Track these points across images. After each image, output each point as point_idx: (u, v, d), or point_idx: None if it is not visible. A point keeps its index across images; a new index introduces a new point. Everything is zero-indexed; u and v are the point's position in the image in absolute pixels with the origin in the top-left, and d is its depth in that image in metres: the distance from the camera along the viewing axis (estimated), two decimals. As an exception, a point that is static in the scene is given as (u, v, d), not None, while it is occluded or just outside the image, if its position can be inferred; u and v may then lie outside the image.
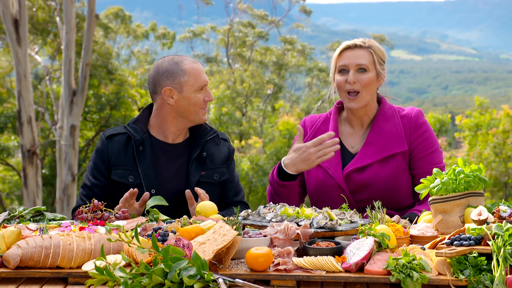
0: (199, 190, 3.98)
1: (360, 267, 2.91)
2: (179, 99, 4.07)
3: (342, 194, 4.14)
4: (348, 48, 4.16)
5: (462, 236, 2.93)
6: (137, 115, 4.28)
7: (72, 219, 3.89)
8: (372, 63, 4.13)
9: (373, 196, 4.04)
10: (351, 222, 3.42)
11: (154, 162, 4.13)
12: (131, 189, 3.82)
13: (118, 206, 3.81)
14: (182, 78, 4.05)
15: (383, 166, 4.13)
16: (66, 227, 3.42)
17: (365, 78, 4.11)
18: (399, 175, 4.14)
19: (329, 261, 2.90)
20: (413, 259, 2.84)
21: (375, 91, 4.22)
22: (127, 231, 3.29)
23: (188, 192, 3.98)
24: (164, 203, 3.81)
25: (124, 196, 3.81)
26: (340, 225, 3.33)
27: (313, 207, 3.61)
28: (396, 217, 3.80)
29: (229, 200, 4.29)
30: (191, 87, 4.06)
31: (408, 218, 3.82)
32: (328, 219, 3.29)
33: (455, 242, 2.91)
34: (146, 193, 3.87)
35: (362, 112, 4.24)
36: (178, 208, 4.07)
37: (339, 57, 4.17)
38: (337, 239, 3.20)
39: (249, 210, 3.56)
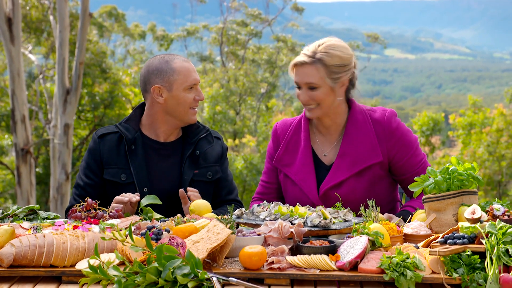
0: (190, 191, 3.97)
1: (354, 266, 2.92)
2: (168, 98, 4.07)
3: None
4: (296, 65, 4.01)
5: (455, 234, 2.94)
6: (130, 114, 4.28)
7: (66, 218, 3.89)
8: (321, 79, 3.94)
9: (352, 209, 3.88)
10: (345, 220, 3.42)
11: (146, 160, 4.13)
12: (134, 197, 3.83)
13: (112, 205, 3.81)
14: (171, 77, 4.05)
15: (359, 179, 4.03)
16: (60, 225, 3.42)
17: (316, 95, 3.96)
18: (376, 184, 4.06)
19: (323, 260, 2.90)
20: (407, 258, 2.84)
21: (334, 101, 4.03)
22: (121, 230, 3.29)
23: (181, 191, 3.97)
24: (158, 202, 3.81)
25: (122, 199, 3.80)
26: (334, 223, 3.33)
27: (307, 205, 3.61)
28: (386, 215, 3.80)
29: (222, 198, 4.28)
30: (180, 85, 4.05)
31: (401, 217, 3.82)
32: (322, 218, 3.29)
33: (448, 241, 2.91)
34: (137, 194, 3.87)
35: (327, 121, 4.11)
36: (171, 206, 4.07)
37: (293, 73, 4.04)
38: (331, 238, 3.20)
39: (243, 209, 3.56)
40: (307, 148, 4.13)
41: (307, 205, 3.61)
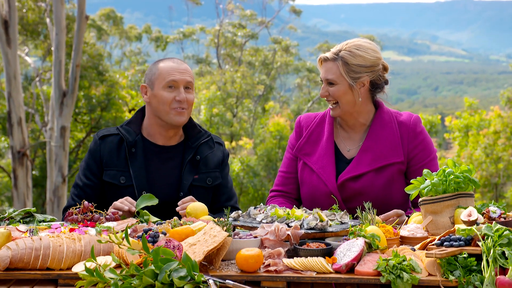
0: (184, 202, 3.95)
1: (350, 268, 2.92)
2: (151, 96, 4.12)
3: (334, 200, 4.12)
4: (320, 61, 4.17)
5: (452, 237, 2.94)
6: (131, 117, 4.30)
7: (63, 218, 3.89)
8: (339, 76, 4.07)
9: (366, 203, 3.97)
10: (342, 223, 3.42)
11: (146, 164, 4.13)
12: (133, 207, 3.84)
13: (110, 210, 3.81)
14: (154, 76, 4.11)
15: (378, 175, 4.10)
16: (56, 228, 3.41)
17: (334, 91, 4.08)
18: (393, 183, 4.12)
19: (319, 262, 2.90)
20: (403, 260, 2.84)
21: (354, 100, 4.12)
22: (117, 233, 3.29)
23: (178, 209, 3.94)
24: (154, 201, 3.80)
25: (122, 207, 3.80)
26: (330, 226, 3.33)
27: (304, 208, 3.61)
28: (394, 211, 3.80)
29: (221, 204, 4.27)
30: (160, 83, 4.08)
31: (398, 219, 3.82)
32: (318, 220, 3.29)
33: (445, 243, 2.92)
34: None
35: (350, 119, 4.21)
36: (169, 210, 4.06)
37: (320, 69, 4.18)
38: (328, 240, 3.20)
39: (240, 211, 3.56)
40: (329, 140, 4.22)
41: (304, 208, 3.61)
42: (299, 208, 3.63)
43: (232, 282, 2.76)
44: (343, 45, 4.13)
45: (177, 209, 3.91)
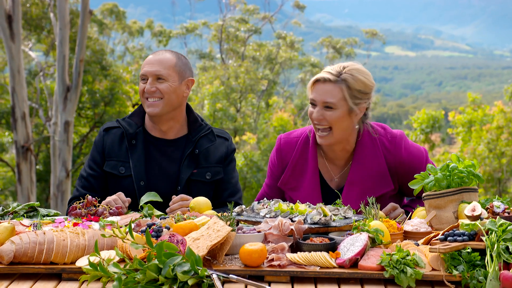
0: (176, 202, 3.95)
1: (354, 263, 2.92)
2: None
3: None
4: (318, 81, 3.90)
5: (456, 231, 2.94)
6: (135, 109, 4.37)
7: (67, 211, 3.91)
8: (341, 100, 3.83)
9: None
10: (345, 218, 3.42)
11: (145, 155, 4.18)
12: (126, 198, 3.88)
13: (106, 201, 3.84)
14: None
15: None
16: (60, 223, 3.42)
17: (331, 116, 3.85)
18: (386, 203, 3.93)
19: (323, 257, 2.90)
20: (407, 255, 2.84)
21: (351, 127, 3.95)
22: (121, 227, 3.29)
23: (170, 209, 3.95)
24: (158, 199, 3.81)
25: (112, 204, 3.82)
26: (334, 221, 3.33)
27: (307, 203, 3.61)
28: (390, 204, 3.79)
29: (223, 199, 4.26)
30: (140, 76, 4.18)
31: (401, 214, 3.82)
32: (322, 215, 3.29)
33: (449, 238, 2.91)
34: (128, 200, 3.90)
35: (338, 147, 4.02)
36: (166, 204, 4.08)
37: (311, 89, 3.92)
38: (331, 235, 3.20)
39: (243, 206, 3.56)
40: (315, 172, 4.04)
41: (307, 202, 3.61)
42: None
43: (235, 277, 2.76)
44: (340, 67, 3.89)
45: (167, 210, 3.92)
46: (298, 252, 2.97)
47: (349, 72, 3.86)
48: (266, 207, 3.50)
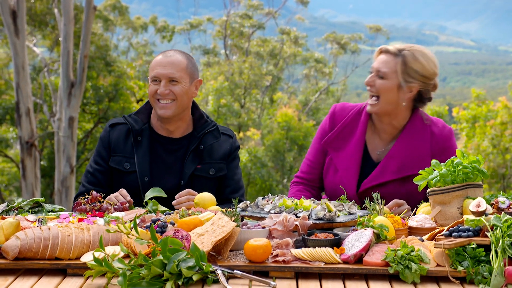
0: (181, 196, 3.97)
1: (358, 259, 2.92)
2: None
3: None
4: (380, 51, 4.11)
5: (460, 227, 2.93)
6: (141, 106, 4.39)
7: (72, 208, 3.92)
8: (393, 72, 4.01)
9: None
10: (350, 213, 3.42)
11: (150, 152, 4.21)
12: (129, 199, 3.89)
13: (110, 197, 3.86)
14: (149, 68, 4.20)
15: (402, 184, 4.08)
16: (65, 218, 3.42)
17: (381, 84, 4.05)
18: (417, 193, 4.00)
19: (327, 253, 2.90)
20: (412, 251, 2.84)
21: (398, 102, 4.07)
22: (125, 223, 3.29)
23: (174, 202, 3.97)
24: (163, 194, 3.82)
25: (114, 201, 3.83)
26: (338, 216, 3.33)
27: (312, 198, 3.61)
28: (394, 201, 3.79)
29: (225, 196, 4.28)
30: (149, 77, 4.19)
31: (406, 210, 3.81)
32: (326, 211, 3.29)
33: (453, 234, 2.91)
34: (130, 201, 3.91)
35: (385, 119, 4.16)
36: (170, 199, 4.09)
37: (374, 58, 4.15)
38: (336, 231, 3.20)
39: (248, 202, 3.57)
40: (360, 140, 4.17)
41: (312, 198, 3.61)
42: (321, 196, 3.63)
43: (240, 272, 2.77)
44: (408, 46, 4.09)
45: (173, 203, 3.93)
46: (303, 248, 2.98)
47: (412, 50, 4.05)
48: (271, 203, 3.51)
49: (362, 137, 4.18)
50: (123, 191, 3.92)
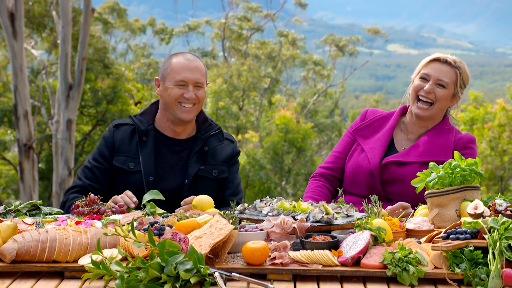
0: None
1: (356, 261, 2.92)
2: (162, 90, 4.22)
3: (373, 180, 4.25)
4: (437, 60, 4.28)
5: (458, 229, 2.94)
6: (146, 108, 4.43)
7: (64, 201, 3.95)
8: (453, 83, 4.24)
9: (405, 192, 4.13)
10: (348, 216, 3.42)
11: (156, 153, 4.25)
12: (132, 204, 3.89)
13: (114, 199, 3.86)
14: (166, 71, 4.20)
15: (422, 167, 4.14)
16: (63, 221, 3.42)
17: (440, 92, 4.24)
18: None
19: (325, 255, 2.90)
20: (409, 253, 2.84)
21: (446, 109, 4.36)
22: (123, 225, 3.29)
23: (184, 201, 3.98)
24: (161, 197, 3.83)
25: (120, 202, 3.84)
26: (336, 219, 3.33)
27: (310, 201, 3.62)
28: (399, 203, 3.80)
29: (225, 198, 4.32)
30: (171, 80, 4.17)
31: (404, 212, 3.81)
32: (324, 213, 3.29)
33: (451, 236, 2.91)
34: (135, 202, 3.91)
35: (424, 123, 4.35)
36: (174, 198, 4.15)
37: (426, 65, 4.30)
38: (334, 233, 3.20)
39: (246, 204, 3.57)
40: (388, 132, 4.38)
41: (310, 201, 3.61)
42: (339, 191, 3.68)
43: (238, 275, 2.77)
44: (453, 57, 4.31)
45: (182, 203, 3.95)
46: (301, 250, 2.98)
47: (462, 64, 4.31)
48: (269, 205, 3.51)
49: (390, 130, 4.39)
50: (128, 192, 3.93)
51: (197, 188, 4.21)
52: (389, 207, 3.80)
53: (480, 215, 3.09)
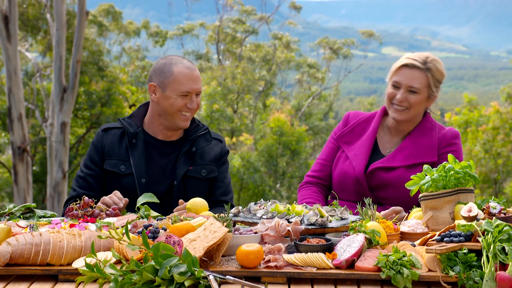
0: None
1: (350, 264, 2.92)
2: (160, 98, 4.17)
3: (361, 186, 4.23)
4: (405, 66, 4.20)
5: (452, 232, 2.94)
6: (133, 111, 4.41)
7: (63, 213, 3.91)
8: (425, 86, 4.18)
9: (395, 196, 4.14)
10: (342, 219, 3.42)
11: (146, 154, 4.24)
12: (121, 203, 3.89)
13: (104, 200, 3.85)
14: (167, 80, 4.14)
15: (409, 170, 4.16)
16: (57, 224, 3.41)
17: (414, 99, 4.19)
18: None
19: (319, 258, 2.90)
20: (404, 256, 2.84)
21: (424, 110, 4.32)
22: (117, 228, 3.29)
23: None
24: (155, 200, 3.83)
25: (109, 202, 3.83)
26: (330, 221, 3.33)
27: (304, 204, 3.62)
28: (392, 209, 3.80)
29: (216, 198, 4.32)
30: (174, 90, 4.13)
31: (398, 215, 3.82)
32: (318, 216, 3.29)
33: (445, 239, 2.92)
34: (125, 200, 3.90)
35: (404, 125, 4.32)
36: (164, 200, 4.15)
37: (396, 72, 4.23)
38: (328, 236, 3.20)
39: (240, 207, 3.57)
40: (371, 136, 4.34)
41: (304, 204, 3.61)
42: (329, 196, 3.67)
43: (232, 278, 2.76)
44: (424, 56, 4.22)
45: (174, 210, 3.94)
46: (295, 253, 2.97)
47: (433, 62, 4.22)
48: (263, 208, 3.51)
49: (373, 134, 4.35)
50: (117, 193, 3.92)
51: (187, 189, 4.21)
52: (382, 212, 3.79)
53: (474, 218, 3.09)
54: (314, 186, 4.45)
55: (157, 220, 3.41)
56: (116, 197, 3.89)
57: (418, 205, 3.85)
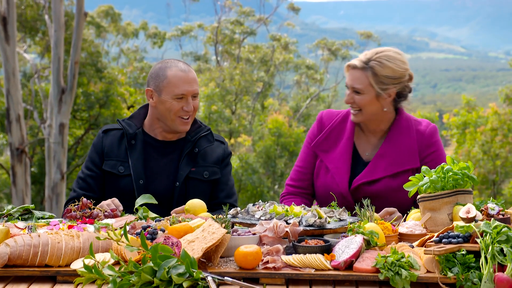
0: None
1: (349, 265, 2.92)
2: (157, 102, 4.17)
3: (347, 200, 4.15)
4: (349, 66, 4.16)
5: (450, 233, 2.94)
6: (133, 112, 4.41)
7: (63, 215, 3.91)
8: (367, 86, 4.08)
9: (382, 205, 3.99)
10: (340, 220, 3.42)
11: (145, 155, 4.23)
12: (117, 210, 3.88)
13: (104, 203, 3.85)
14: (161, 83, 4.14)
15: (393, 180, 4.13)
16: (55, 225, 3.41)
17: (360, 99, 4.12)
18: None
19: (318, 259, 2.90)
20: (402, 257, 2.84)
21: (381, 109, 4.16)
22: (116, 229, 3.29)
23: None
24: (153, 201, 3.82)
25: (108, 203, 3.84)
26: (329, 223, 3.33)
27: (303, 205, 3.62)
28: (385, 210, 3.79)
29: (220, 200, 4.30)
30: (169, 93, 4.12)
31: (397, 216, 3.81)
32: (317, 217, 3.29)
33: (443, 240, 2.92)
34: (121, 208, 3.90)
35: (371, 125, 4.24)
36: (165, 201, 4.14)
37: (346, 73, 4.19)
38: (326, 237, 3.20)
39: (238, 208, 3.57)
40: (349, 141, 4.24)
41: (302, 205, 3.61)
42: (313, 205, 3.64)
43: (230, 279, 2.76)
44: (372, 54, 4.12)
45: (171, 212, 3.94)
46: (293, 255, 2.97)
47: (378, 59, 4.08)
48: (261, 209, 3.51)
49: (351, 139, 4.25)
50: (115, 200, 3.91)
51: (188, 190, 4.19)
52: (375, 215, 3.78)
53: (473, 219, 3.09)
54: (298, 196, 4.36)
55: (155, 221, 3.41)
56: (114, 205, 3.88)
57: (407, 212, 3.84)
